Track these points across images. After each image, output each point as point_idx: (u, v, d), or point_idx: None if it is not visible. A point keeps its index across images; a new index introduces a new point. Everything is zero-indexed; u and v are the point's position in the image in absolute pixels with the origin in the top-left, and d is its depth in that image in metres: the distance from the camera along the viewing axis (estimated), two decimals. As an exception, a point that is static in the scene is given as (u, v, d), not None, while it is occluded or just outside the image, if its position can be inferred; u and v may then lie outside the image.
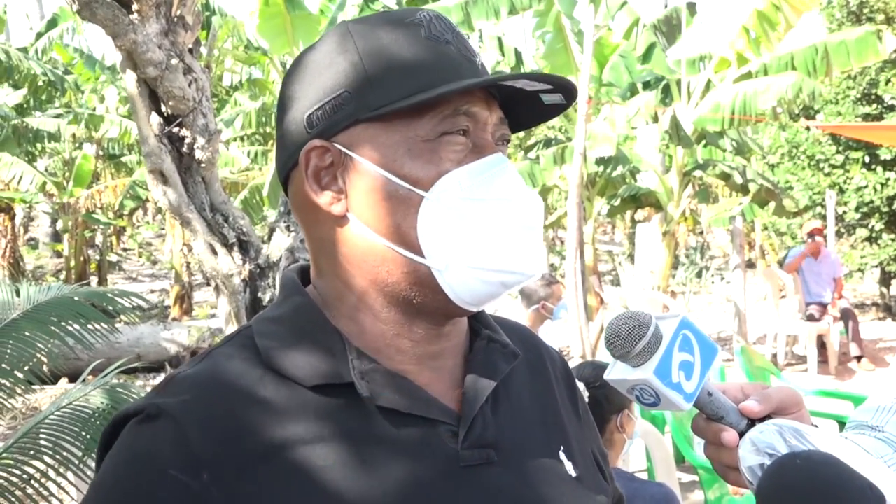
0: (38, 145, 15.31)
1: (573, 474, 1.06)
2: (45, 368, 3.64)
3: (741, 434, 1.03)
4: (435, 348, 1.03)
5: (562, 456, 1.07)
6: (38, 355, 3.54)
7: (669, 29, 11.51)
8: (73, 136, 15.41)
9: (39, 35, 16.38)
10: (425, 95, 0.95)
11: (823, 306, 10.38)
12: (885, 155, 12.93)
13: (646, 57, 11.39)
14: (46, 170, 16.61)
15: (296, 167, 1.02)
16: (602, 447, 1.21)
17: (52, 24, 16.51)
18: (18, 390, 3.50)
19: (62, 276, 16.56)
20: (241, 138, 17.11)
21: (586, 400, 2.95)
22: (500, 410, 1.04)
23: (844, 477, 0.88)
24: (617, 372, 1.03)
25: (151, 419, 0.93)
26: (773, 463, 0.94)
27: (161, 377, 7.32)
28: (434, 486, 0.94)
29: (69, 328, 3.64)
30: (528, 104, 1.03)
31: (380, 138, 0.97)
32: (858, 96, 13.34)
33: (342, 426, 0.94)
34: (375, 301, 1.00)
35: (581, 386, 2.87)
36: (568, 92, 1.01)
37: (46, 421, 3.27)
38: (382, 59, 0.98)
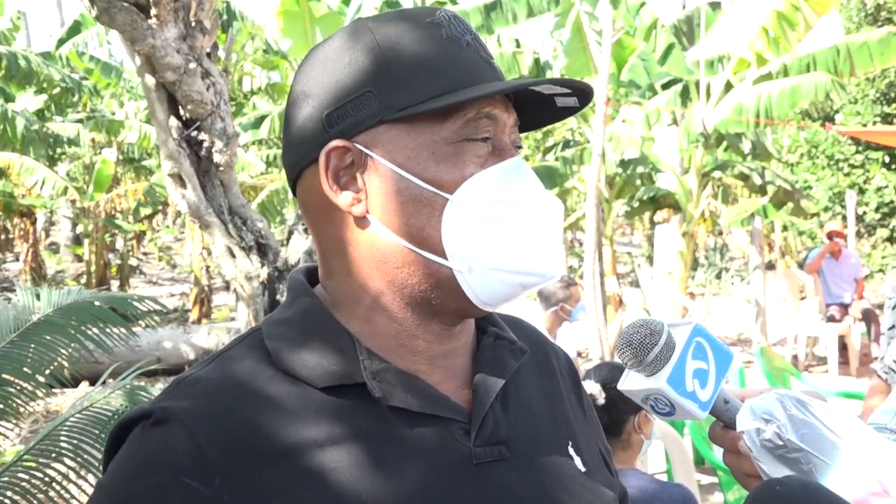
0: (59, 150, 15.38)
1: (582, 469, 1.06)
2: (65, 372, 3.67)
3: None
4: (446, 347, 1.03)
5: (570, 451, 1.07)
6: (59, 359, 3.56)
7: (688, 30, 11.46)
8: (93, 140, 15.49)
9: (62, 41, 16.45)
10: (454, 98, 0.94)
11: (844, 307, 10.30)
12: (905, 155, 12.88)
13: (664, 58, 11.34)
14: (67, 174, 16.70)
15: (310, 166, 1.00)
16: (605, 442, 1.21)
17: (74, 30, 16.58)
18: (39, 393, 3.52)
19: (83, 281, 16.62)
20: (260, 142, 17.15)
21: (603, 400, 2.95)
22: (510, 407, 1.04)
23: (824, 502, 0.86)
24: (630, 382, 1.01)
25: (161, 423, 0.92)
26: (753, 491, 0.92)
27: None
28: (448, 484, 0.94)
29: (89, 332, 3.66)
30: (539, 106, 1.03)
31: (402, 140, 0.96)
32: (878, 95, 13.27)
33: (355, 427, 0.94)
34: (392, 302, 1.00)
35: (598, 387, 2.87)
36: (585, 95, 1.01)
37: (67, 423, 3.28)
38: (407, 59, 0.96)
